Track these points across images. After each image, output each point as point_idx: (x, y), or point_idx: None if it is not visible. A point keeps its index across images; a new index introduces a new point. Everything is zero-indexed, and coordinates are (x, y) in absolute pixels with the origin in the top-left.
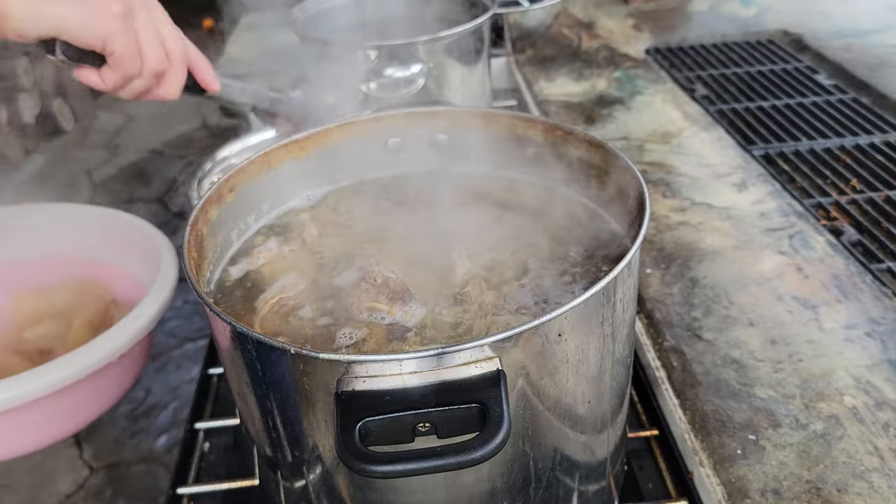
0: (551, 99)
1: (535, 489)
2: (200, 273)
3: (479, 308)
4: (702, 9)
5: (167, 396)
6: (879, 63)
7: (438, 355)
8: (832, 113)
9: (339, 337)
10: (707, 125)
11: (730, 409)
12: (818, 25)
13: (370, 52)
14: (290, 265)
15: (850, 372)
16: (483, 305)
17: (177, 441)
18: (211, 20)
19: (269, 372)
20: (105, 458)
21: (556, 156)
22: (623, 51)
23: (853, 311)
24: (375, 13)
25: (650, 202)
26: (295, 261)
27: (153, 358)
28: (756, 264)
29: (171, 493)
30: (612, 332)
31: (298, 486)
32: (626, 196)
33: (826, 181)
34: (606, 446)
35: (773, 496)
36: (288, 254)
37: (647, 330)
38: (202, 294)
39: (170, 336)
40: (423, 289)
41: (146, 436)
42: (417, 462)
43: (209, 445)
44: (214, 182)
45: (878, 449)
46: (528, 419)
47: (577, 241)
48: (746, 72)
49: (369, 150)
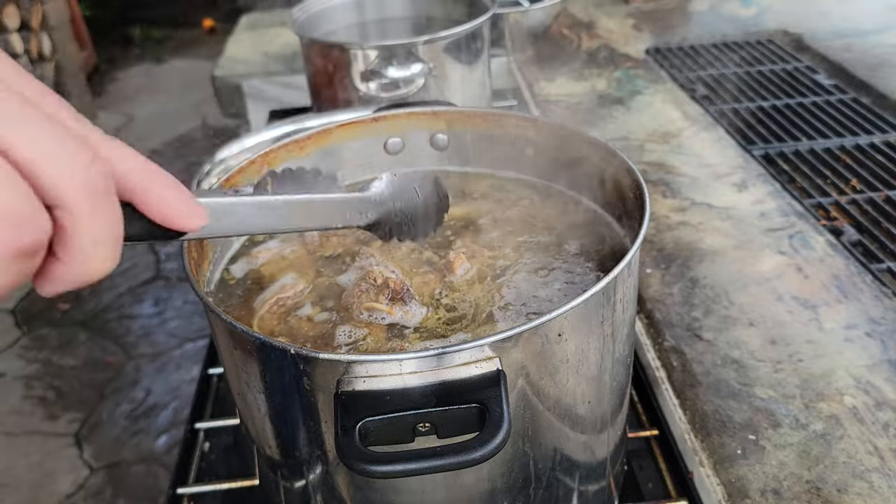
0: (551, 99)
1: (535, 489)
2: (200, 273)
3: (477, 308)
4: (702, 9)
5: (167, 396)
6: (879, 63)
7: (438, 355)
8: (832, 113)
9: (339, 335)
10: (707, 125)
11: (730, 409)
12: (818, 25)
13: (370, 52)
14: (289, 265)
15: (850, 372)
16: (482, 306)
17: (177, 441)
18: (211, 20)
19: (269, 372)
20: (105, 458)
21: (556, 156)
22: (623, 51)
23: (853, 311)
24: (375, 13)
25: (650, 202)
26: (295, 261)
27: (153, 358)
28: (756, 264)
29: (171, 493)
30: (612, 332)
31: (298, 486)
32: (626, 196)
33: (826, 181)
34: (606, 446)
35: (773, 496)
36: (288, 254)
37: (647, 330)
38: (202, 294)
39: (170, 336)
40: (423, 288)
41: (146, 436)
42: (417, 462)
43: (209, 445)
44: (214, 183)
45: (878, 449)
46: (528, 419)
47: (578, 240)
48: (746, 72)
49: (369, 150)
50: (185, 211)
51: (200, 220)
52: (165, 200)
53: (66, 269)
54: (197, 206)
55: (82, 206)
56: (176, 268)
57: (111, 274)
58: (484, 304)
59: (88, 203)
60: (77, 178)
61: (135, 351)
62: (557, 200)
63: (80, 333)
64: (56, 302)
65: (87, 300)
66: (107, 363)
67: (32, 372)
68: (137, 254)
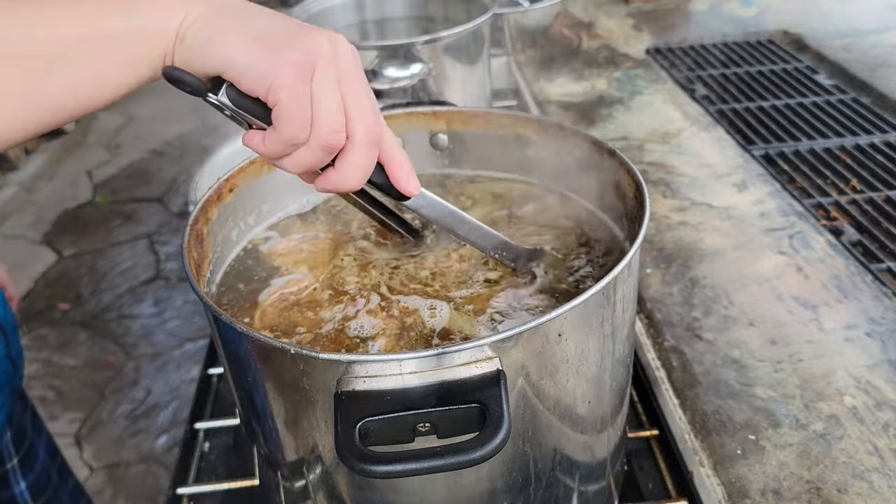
0: (551, 99)
1: (535, 489)
2: (200, 273)
3: (476, 310)
4: (702, 9)
5: (167, 396)
6: (879, 63)
7: (438, 355)
8: (832, 113)
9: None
10: (707, 125)
11: (730, 409)
12: (818, 25)
13: (370, 52)
14: (303, 259)
15: (850, 372)
16: (480, 305)
17: (177, 441)
18: None
19: (269, 372)
20: (105, 458)
21: (556, 156)
22: (623, 51)
23: (853, 311)
24: (375, 13)
25: (650, 202)
26: (309, 256)
27: (153, 358)
28: (756, 264)
29: (171, 493)
30: (612, 332)
31: (298, 486)
32: (626, 196)
33: (826, 181)
34: (606, 446)
35: (773, 496)
36: (289, 254)
37: (647, 330)
38: (202, 294)
39: (170, 336)
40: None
41: (146, 436)
42: (417, 462)
43: (209, 445)
44: (214, 182)
45: (878, 449)
46: (528, 419)
47: (577, 240)
48: (746, 72)
49: None
50: (407, 182)
51: (415, 191)
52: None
53: (333, 176)
54: (417, 183)
55: (359, 143)
56: (176, 268)
57: (111, 274)
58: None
59: (363, 144)
60: (366, 128)
61: (135, 351)
62: (557, 200)
63: (80, 333)
64: (56, 302)
65: (88, 300)
66: (107, 363)
67: (32, 372)
68: (137, 254)
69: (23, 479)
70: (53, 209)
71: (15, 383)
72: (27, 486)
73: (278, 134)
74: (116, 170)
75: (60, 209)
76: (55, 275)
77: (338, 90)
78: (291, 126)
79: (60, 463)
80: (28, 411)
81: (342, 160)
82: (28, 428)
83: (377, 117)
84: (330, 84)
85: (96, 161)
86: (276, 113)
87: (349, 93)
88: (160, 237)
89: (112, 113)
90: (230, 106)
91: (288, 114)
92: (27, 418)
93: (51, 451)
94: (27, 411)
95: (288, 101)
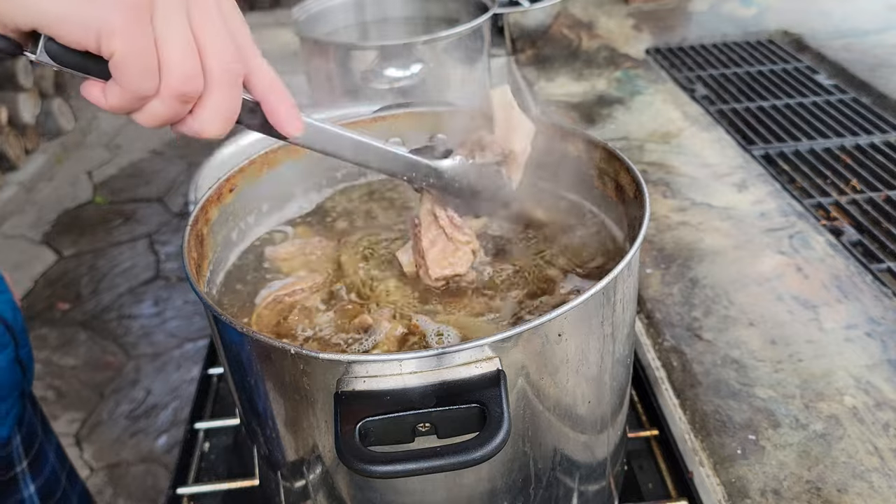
0: (551, 99)
1: (535, 489)
2: (200, 273)
3: (475, 311)
4: (702, 9)
5: (167, 396)
6: (879, 63)
7: (438, 355)
8: (832, 113)
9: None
10: (707, 125)
11: (730, 409)
12: (818, 25)
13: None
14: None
15: (850, 372)
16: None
17: (177, 441)
18: None
19: (269, 372)
20: (105, 458)
21: (556, 156)
22: (623, 51)
23: (853, 311)
24: (375, 13)
25: (650, 202)
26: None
27: (153, 358)
28: (756, 264)
29: (171, 493)
30: (612, 332)
31: (298, 486)
32: (626, 196)
33: (826, 181)
34: (606, 446)
35: (773, 496)
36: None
37: (647, 330)
38: (202, 294)
39: (170, 336)
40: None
41: (146, 436)
42: (417, 462)
43: (209, 445)
44: (214, 182)
45: (878, 449)
46: (528, 419)
47: (577, 240)
48: (746, 72)
49: None
50: (287, 120)
51: (297, 131)
52: (277, 108)
53: (191, 123)
54: (298, 120)
55: (216, 84)
56: (176, 268)
57: (111, 274)
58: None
59: (220, 85)
60: (223, 66)
61: (135, 351)
62: (557, 201)
63: (80, 333)
64: (56, 302)
65: (88, 300)
66: (107, 363)
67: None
68: (137, 254)
69: (32, 483)
70: (53, 209)
71: (25, 386)
72: (36, 489)
73: (121, 87)
74: (116, 170)
75: (60, 209)
76: (55, 275)
77: (187, 25)
78: (134, 78)
79: (70, 467)
80: (38, 414)
81: (198, 105)
82: (38, 431)
83: (237, 51)
84: (176, 19)
85: (96, 161)
86: (113, 65)
87: (200, 26)
88: (160, 237)
89: (112, 113)
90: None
91: (126, 65)
92: (37, 421)
93: (60, 454)
94: (37, 414)
95: (124, 49)
